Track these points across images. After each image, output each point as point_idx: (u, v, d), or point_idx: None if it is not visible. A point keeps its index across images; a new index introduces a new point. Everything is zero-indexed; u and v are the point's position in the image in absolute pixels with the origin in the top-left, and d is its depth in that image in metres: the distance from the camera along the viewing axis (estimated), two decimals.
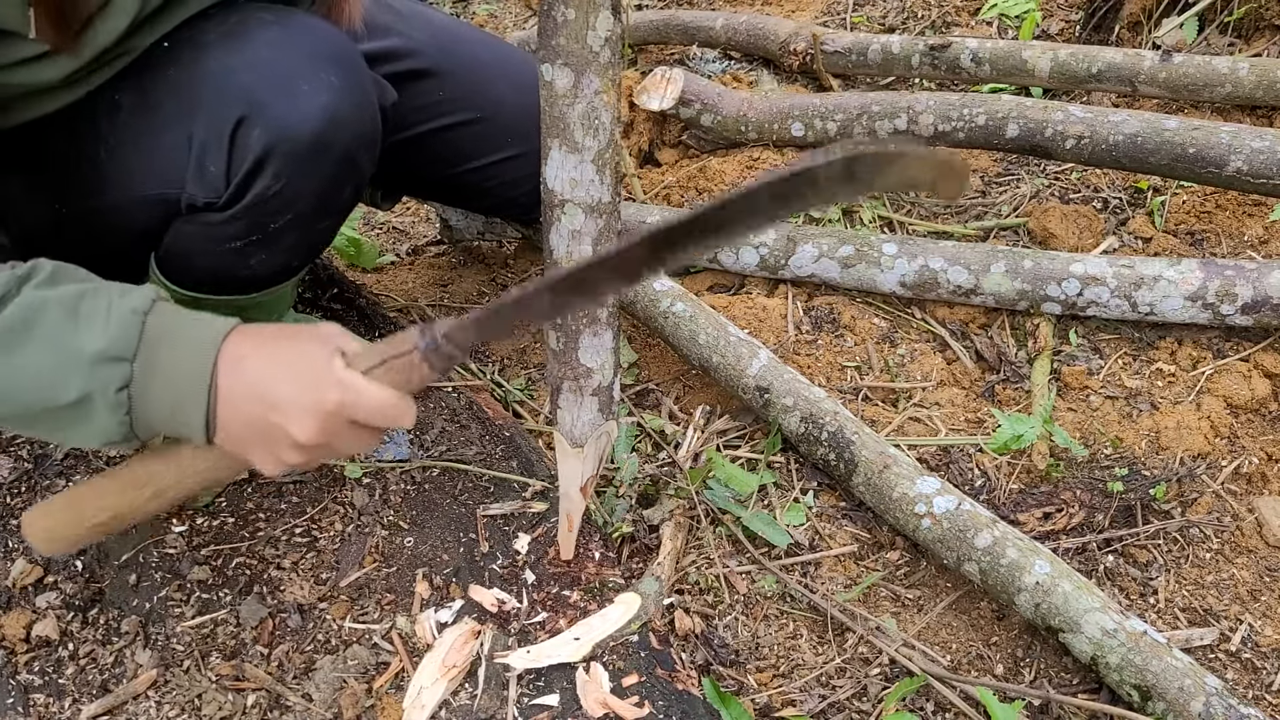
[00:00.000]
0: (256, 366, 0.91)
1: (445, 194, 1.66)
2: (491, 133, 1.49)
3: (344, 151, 1.08)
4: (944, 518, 1.26)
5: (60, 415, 0.89)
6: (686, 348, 1.56)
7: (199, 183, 1.07)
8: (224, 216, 1.09)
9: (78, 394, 0.88)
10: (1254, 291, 1.50)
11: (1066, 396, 1.57)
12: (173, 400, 0.90)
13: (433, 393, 1.51)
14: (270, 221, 1.11)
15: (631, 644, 1.13)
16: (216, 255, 1.15)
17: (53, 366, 0.87)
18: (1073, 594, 1.16)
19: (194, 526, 1.32)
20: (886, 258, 1.68)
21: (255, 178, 1.05)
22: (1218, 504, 1.39)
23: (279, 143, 1.03)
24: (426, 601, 1.21)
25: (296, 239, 1.17)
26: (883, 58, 2.28)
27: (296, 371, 0.90)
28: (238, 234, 1.12)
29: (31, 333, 0.87)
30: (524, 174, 1.52)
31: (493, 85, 1.50)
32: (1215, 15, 2.17)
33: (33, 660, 1.19)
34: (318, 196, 1.11)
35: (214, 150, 1.04)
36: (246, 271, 1.19)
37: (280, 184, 1.06)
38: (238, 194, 1.07)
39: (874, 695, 1.19)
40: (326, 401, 0.89)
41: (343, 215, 1.22)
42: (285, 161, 1.04)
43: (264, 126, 1.02)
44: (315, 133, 1.04)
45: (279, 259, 1.20)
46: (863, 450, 1.36)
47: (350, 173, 1.12)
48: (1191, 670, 1.08)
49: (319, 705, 1.11)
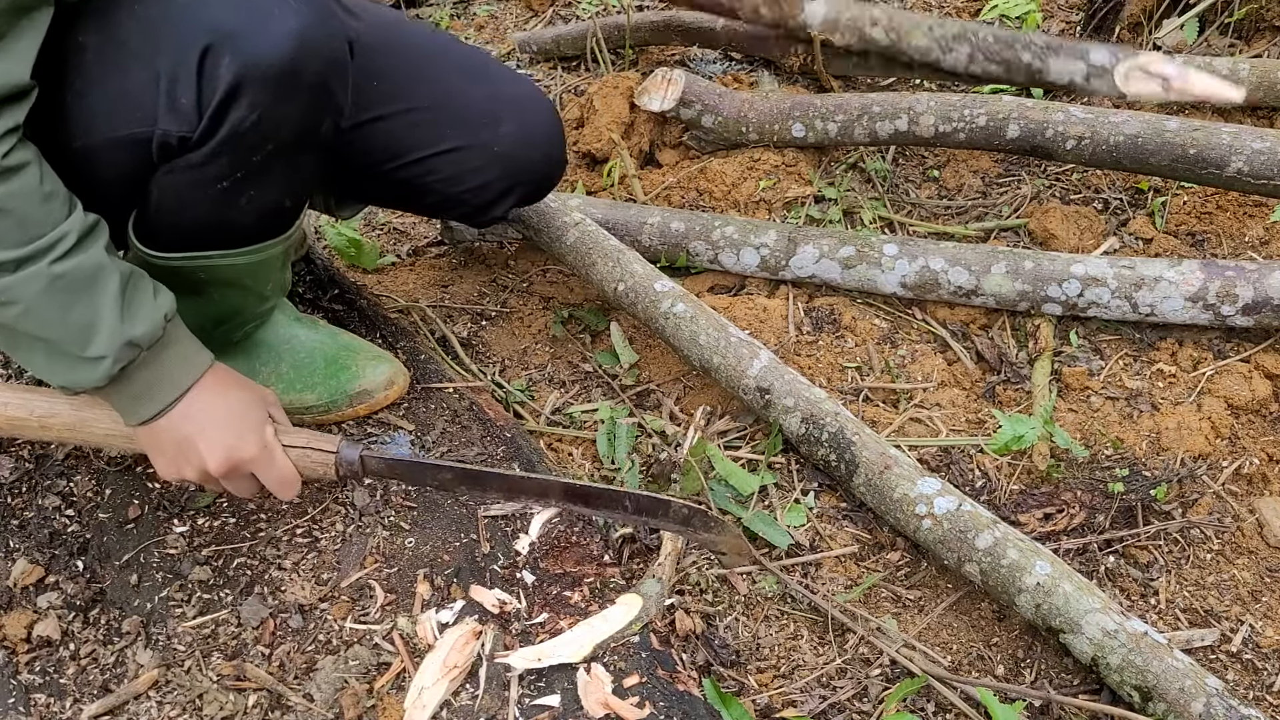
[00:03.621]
0: (212, 401, 1.13)
1: (390, 193, 1.54)
2: (431, 124, 1.41)
3: (316, 77, 1.07)
4: (945, 518, 1.26)
5: (65, 356, 1.04)
6: (687, 349, 1.56)
7: (171, 115, 1.05)
8: (205, 153, 1.07)
9: (97, 354, 1.03)
10: (1255, 292, 1.50)
11: (1067, 397, 1.57)
12: (145, 391, 1.10)
13: (434, 394, 1.51)
14: (252, 154, 1.09)
15: (632, 644, 1.13)
16: (206, 201, 1.13)
17: (92, 325, 1.03)
18: (1073, 595, 1.16)
19: (195, 527, 1.32)
20: (887, 259, 1.69)
21: (229, 108, 1.03)
22: (1218, 505, 1.39)
23: (250, 69, 1.01)
24: (428, 602, 1.21)
25: (282, 172, 1.15)
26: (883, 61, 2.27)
27: (235, 420, 1.14)
28: (222, 172, 1.10)
29: (92, 291, 1.02)
30: (466, 169, 1.42)
31: (434, 76, 1.43)
32: (1216, 16, 2.17)
33: (34, 660, 1.19)
34: (296, 125, 1.10)
35: (183, 81, 1.03)
36: (238, 215, 1.17)
37: (256, 113, 1.04)
38: (213, 125, 1.05)
39: (874, 696, 1.19)
40: (244, 451, 1.13)
41: (323, 151, 1.19)
42: (259, 89, 1.03)
43: (233, 54, 1.01)
44: (287, 58, 1.02)
45: (269, 196, 1.18)
46: (863, 451, 1.36)
47: (326, 101, 1.10)
48: (1192, 671, 1.08)
49: (320, 705, 1.11)
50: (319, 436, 1.20)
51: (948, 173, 2.10)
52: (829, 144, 2.03)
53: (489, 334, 1.81)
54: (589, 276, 1.71)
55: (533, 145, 1.45)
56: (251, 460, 1.15)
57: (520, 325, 1.83)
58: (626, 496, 1.17)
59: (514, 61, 2.79)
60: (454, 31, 2.99)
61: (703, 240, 1.80)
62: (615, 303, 1.68)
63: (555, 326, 1.79)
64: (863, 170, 2.10)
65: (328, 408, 1.43)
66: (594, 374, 1.71)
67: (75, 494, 1.38)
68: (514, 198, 1.48)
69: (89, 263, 1.03)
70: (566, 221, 1.75)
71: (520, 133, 1.43)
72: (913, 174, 2.12)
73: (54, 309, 1.01)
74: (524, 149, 1.44)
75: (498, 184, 1.44)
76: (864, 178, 2.09)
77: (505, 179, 1.44)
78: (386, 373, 1.45)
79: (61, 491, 1.38)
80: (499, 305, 1.87)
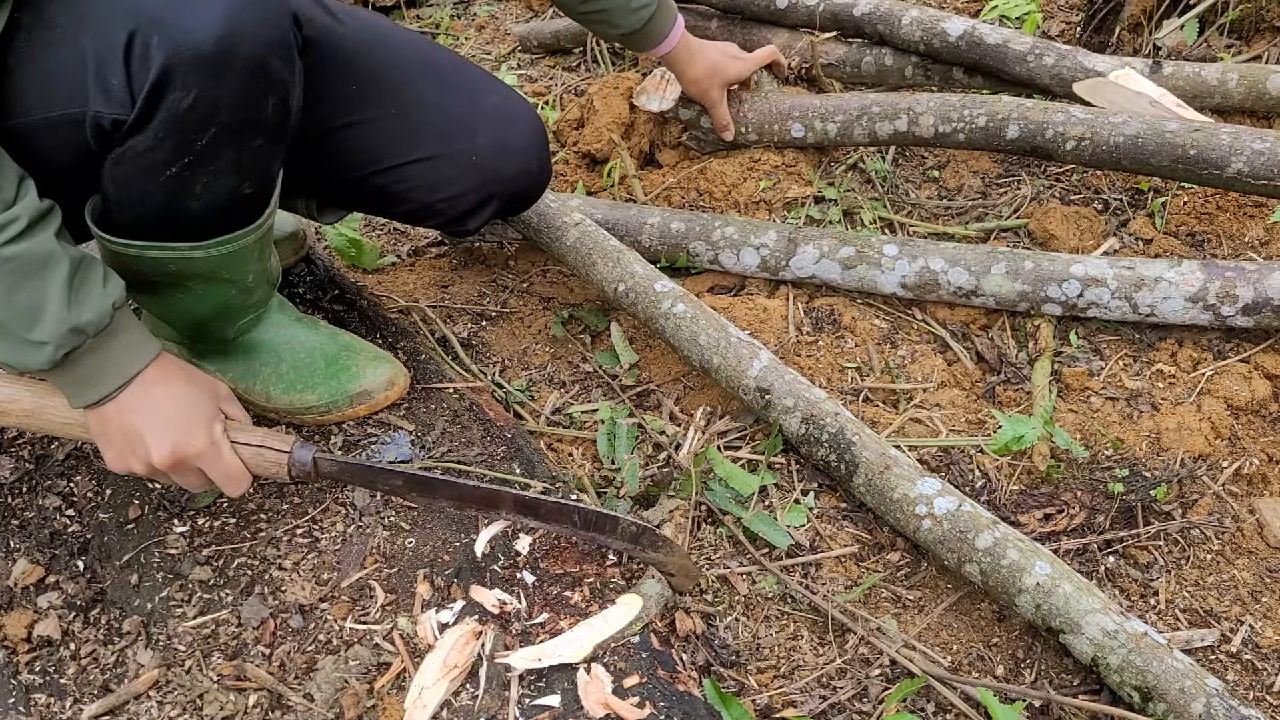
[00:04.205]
0: (158, 392, 1.13)
1: (366, 200, 1.52)
2: (405, 132, 1.40)
3: (251, 57, 1.04)
4: (945, 519, 1.26)
5: (9, 337, 1.04)
6: (687, 349, 1.56)
7: (102, 97, 1.04)
8: (147, 139, 1.06)
9: (41, 339, 1.04)
10: (1255, 293, 1.51)
11: (1067, 397, 1.57)
12: (90, 377, 1.10)
13: (434, 394, 1.51)
14: (195, 138, 1.07)
15: (633, 645, 1.13)
16: (159, 189, 1.12)
17: (37, 309, 1.03)
18: (1073, 595, 1.16)
19: (195, 527, 1.32)
20: (887, 259, 1.69)
21: (163, 91, 1.02)
22: (1218, 505, 1.39)
23: (179, 52, 1.00)
24: (428, 602, 1.21)
25: (232, 157, 1.13)
26: (876, 69, 2.28)
27: (182, 413, 1.14)
28: (168, 157, 1.08)
29: (40, 276, 1.02)
30: (440, 178, 1.41)
31: (414, 83, 1.42)
32: (1216, 17, 2.17)
33: (34, 660, 1.19)
34: (236, 107, 1.07)
35: (110, 64, 1.02)
36: (195, 203, 1.16)
37: (191, 95, 1.02)
38: (148, 109, 1.04)
39: (875, 696, 1.19)
40: (190, 446, 1.14)
41: (277, 134, 1.16)
42: (191, 72, 1.01)
43: (162, 35, 0.99)
44: (216, 37, 1.00)
45: (224, 182, 1.15)
46: (863, 451, 1.37)
47: (265, 81, 1.08)
48: (1192, 671, 1.09)
49: (320, 705, 1.11)
50: (274, 435, 1.20)
51: (948, 173, 2.10)
52: (829, 144, 2.03)
53: (489, 334, 1.81)
54: (589, 277, 1.71)
55: (509, 158, 1.45)
56: (197, 455, 1.15)
57: (520, 325, 1.83)
58: (575, 511, 1.17)
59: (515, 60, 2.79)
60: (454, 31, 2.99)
61: (703, 241, 1.80)
62: (615, 303, 1.68)
63: (556, 327, 1.79)
64: (863, 170, 2.10)
65: (328, 408, 1.43)
66: (594, 374, 1.71)
67: (76, 494, 1.38)
68: (491, 209, 1.47)
69: (39, 248, 1.02)
70: (566, 222, 1.75)
71: (496, 145, 1.43)
72: (913, 174, 2.12)
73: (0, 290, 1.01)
74: (499, 162, 1.43)
75: (473, 195, 1.43)
76: (864, 178, 2.09)
77: (481, 190, 1.44)
78: (387, 373, 1.45)
79: (62, 491, 1.38)
80: (499, 305, 1.87)
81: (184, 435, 1.13)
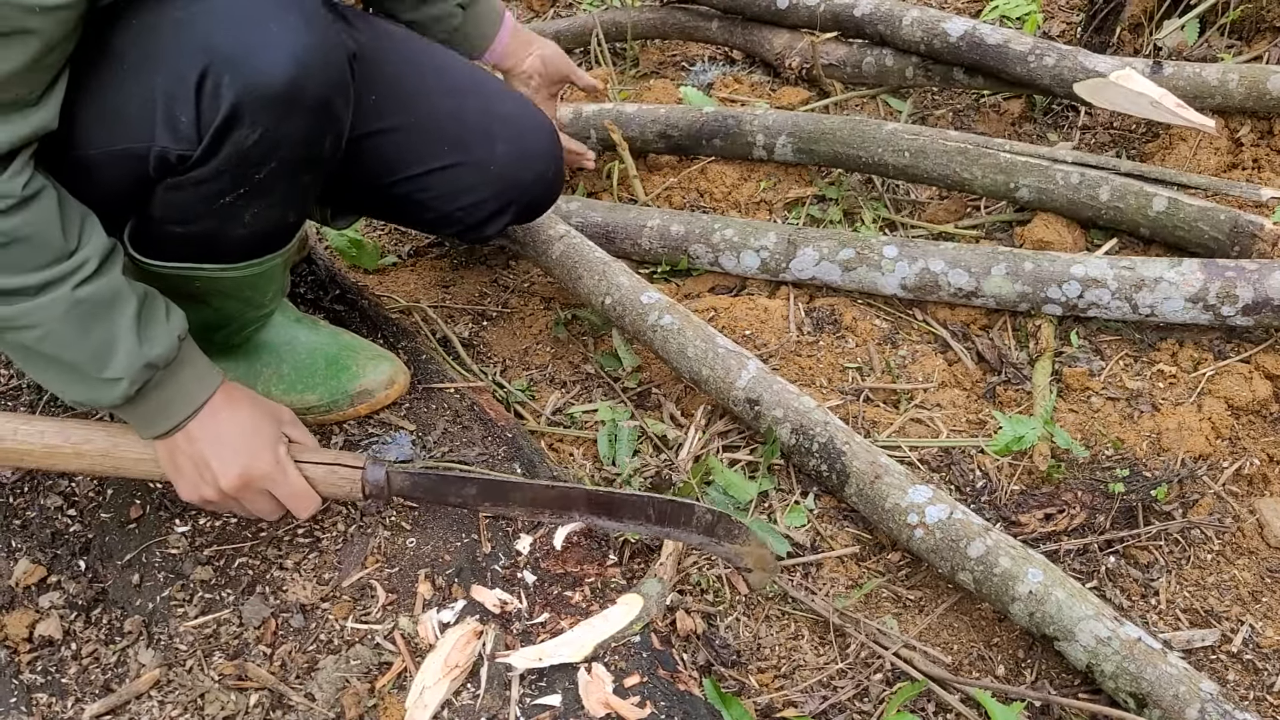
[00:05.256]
0: (224, 419, 1.16)
1: (385, 208, 1.53)
2: (424, 141, 1.40)
3: (317, 97, 1.06)
4: (936, 527, 1.26)
5: (83, 378, 1.06)
6: (676, 361, 1.55)
7: (170, 134, 1.05)
8: (208, 171, 1.07)
9: (114, 375, 1.05)
10: (1254, 293, 1.51)
11: (1068, 398, 1.57)
12: (160, 409, 1.12)
13: (435, 394, 1.51)
14: (255, 172, 1.09)
15: (633, 644, 1.13)
16: (209, 215, 1.14)
17: (110, 348, 1.05)
18: (1066, 602, 1.16)
19: (197, 527, 1.32)
20: (887, 261, 1.69)
21: (231, 129, 1.03)
22: (1219, 505, 1.39)
23: (250, 92, 1.01)
24: (429, 602, 1.21)
25: (285, 190, 1.15)
26: (877, 70, 2.28)
27: (247, 438, 1.16)
28: (225, 188, 1.10)
29: (110, 314, 1.05)
30: (461, 186, 1.41)
31: (431, 92, 1.42)
32: (1216, 17, 2.17)
33: (36, 660, 1.19)
34: (298, 144, 1.09)
35: (181, 101, 1.03)
36: (241, 230, 1.17)
37: (258, 133, 1.04)
38: (214, 145, 1.05)
39: (875, 696, 1.20)
40: (256, 469, 1.16)
41: (328, 168, 1.19)
42: (260, 111, 1.03)
43: (233, 76, 1.00)
44: (287, 80, 1.02)
45: (273, 212, 1.19)
46: (854, 461, 1.36)
47: (327, 119, 1.10)
48: (1186, 676, 1.08)
49: (321, 705, 1.11)
50: (346, 455, 1.22)
51: None
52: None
53: (490, 334, 1.81)
54: (576, 290, 1.70)
55: (527, 165, 1.45)
56: (264, 476, 1.17)
57: (521, 325, 1.83)
58: (650, 504, 1.16)
59: None
60: None
61: (703, 243, 1.80)
62: (604, 316, 1.68)
63: (558, 328, 1.79)
64: None
65: (329, 408, 1.43)
66: (595, 375, 1.71)
67: (77, 494, 1.38)
68: (508, 217, 1.47)
69: (108, 287, 1.05)
70: (551, 235, 1.73)
71: (515, 152, 1.43)
72: None
73: (73, 332, 1.03)
74: (518, 169, 1.43)
75: (491, 203, 1.44)
76: (864, 178, 2.09)
77: (499, 198, 1.44)
78: (387, 372, 1.45)
79: (63, 491, 1.38)
80: (500, 305, 1.87)
81: (250, 459, 1.15)
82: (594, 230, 1.85)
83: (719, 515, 1.16)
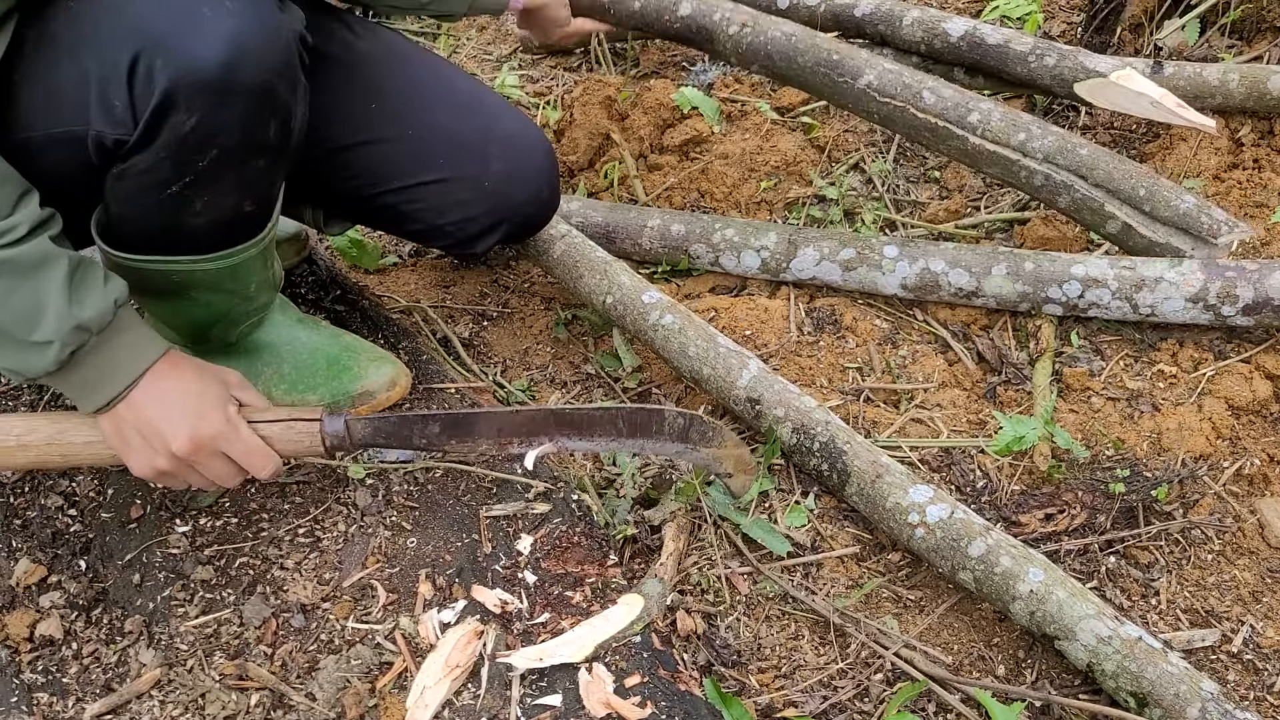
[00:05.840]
0: (168, 385, 1.13)
1: (374, 216, 1.52)
2: (419, 153, 1.41)
3: (255, 82, 1.04)
4: (937, 527, 1.26)
5: (11, 341, 1.04)
6: (677, 360, 1.55)
7: (105, 117, 1.04)
8: (149, 159, 1.06)
9: (43, 338, 1.03)
10: (1255, 293, 1.51)
11: (1068, 398, 1.57)
12: (96, 375, 1.10)
13: (436, 394, 1.51)
14: (196, 159, 1.07)
15: (634, 644, 1.13)
16: (158, 206, 1.12)
17: (37, 309, 1.02)
18: (1067, 601, 1.16)
19: (197, 526, 1.32)
20: (888, 261, 1.69)
21: (166, 115, 1.02)
22: (1219, 505, 1.39)
23: (183, 77, 0.99)
24: (429, 601, 1.21)
25: (234, 178, 1.13)
26: None
27: (193, 399, 1.14)
28: (168, 177, 1.08)
29: (37, 276, 1.02)
30: (451, 200, 1.42)
31: (428, 105, 1.43)
32: (1217, 17, 2.17)
33: (36, 659, 1.19)
34: (238, 131, 1.07)
35: (114, 85, 1.01)
36: (196, 220, 1.16)
37: (194, 118, 1.02)
38: (149, 131, 1.03)
39: (876, 696, 1.20)
40: (205, 429, 1.13)
41: (279, 155, 1.16)
42: (194, 96, 1.01)
43: (165, 59, 0.99)
44: (220, 63, 1.00)
45: (225, 200, 1.16)
46: (855, 460, 1.36)
47: (269, 105, 1.08)
48: (1187, 676, 1.08)
49: (322, 705, 1.11)
50: (301, 410, 1.21)
51: (949, 173, 2.10)
52: None
53: (490, 334, 1.81)
54: (577, 289, 1.70)
55: (521, 185, 1.45)
56: (215, 435, 1.14)
57: (522, 326, 1.83)
58: (618, 416, 1.13)
59: (516, 60, 2.79)
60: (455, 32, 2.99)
61: (703, 243, 1.80)
62: (605, 315, 1.68)
63: (558, 329, 1.79)
64: (864, 170, 2.10)
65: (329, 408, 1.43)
66: (595, 375, 1.71)
67: (78, 494, 1.38)
68: (498, 234, 1.47)
69: (37, 250, 1.02)
70: (552, 235, 1.73)
71: (510, 171, 1.43)
72: (914, 174, 2.12)
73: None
74: (512, 187, 1.44)
75: (483, 219, 1.44)
76: (865, 178, 2.09)
77: (491, 215, 1.44)
78: (389, 373, 1.45)
79: (64, 491, 1.38)
80: (500, 305, 1.87)
81: (198, 419, 1.13)
82: (594, 230, 1.85)
83: (691, 418, 1.12)
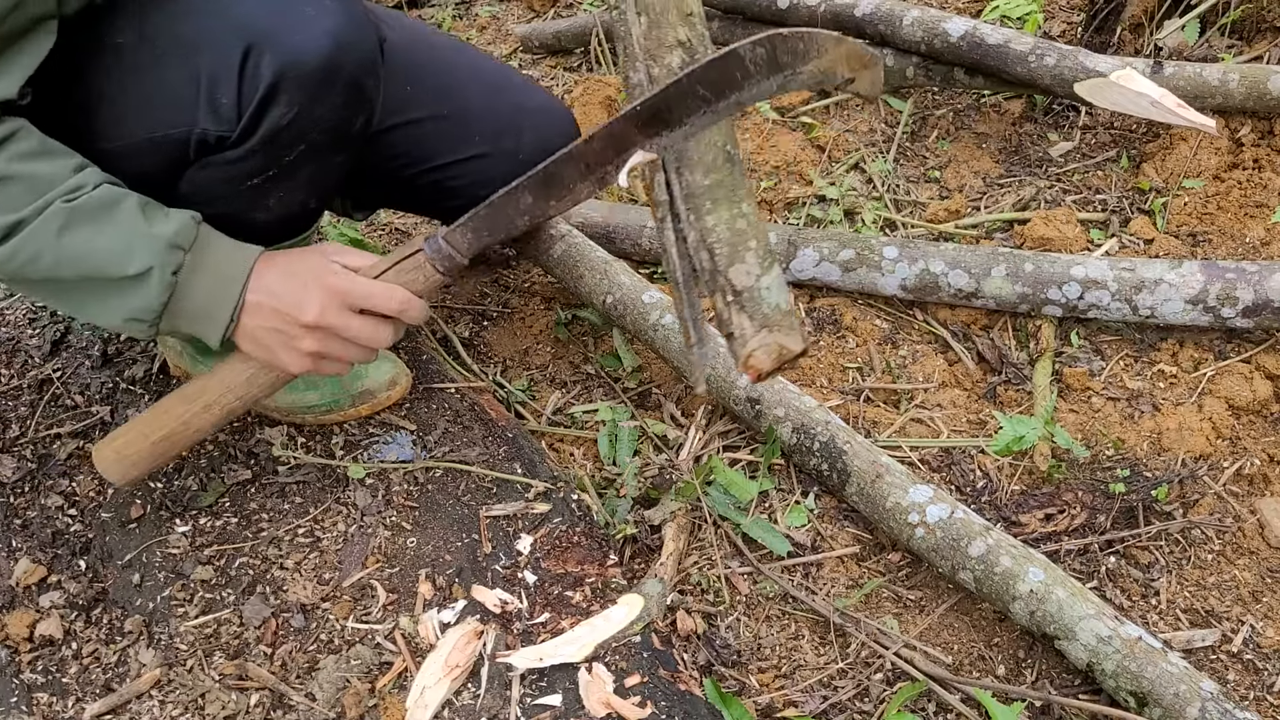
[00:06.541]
0: (274, 277, 1.10)
1: (413, 196, 1.58)
2: (458, 131, 1.45)
3: (351, 76, 1.07)
4: (937, 526, 1.26)
5: (111, 286, 1.03)
6: (678, 360, 1.55)
7: (212, 116, 1.06)
8: (241, 152, 1.09)
9: (141, 267, 1.02)
10: (1255, 295, 1.51)
11: (1068, 398, 1.57)
12: (207, 295, 1.07)
13: (436, 394, 1.51)
14: (285, 153, 1.10)
15: (634, 644, 1.13)
16: (236, 197, 1.14)
17: (126, 243, 1.01)
18: (1067, 601, 1.16)
19: (197, 527, 1.32)
20: (887, 262, 1.69)
21: (268, 107, 1.05)
22: (1219, 505, 1.39)
23: (289, 68, 1.02)
24: (429, 601, 1.21)
25: (312, 173, 1.16)
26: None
27: (302, 274, 1.10)
28: (255, 169, 1.11)
29: (113, 213, 1.01)
30: (494, 175, 1.41)
31: (461, 85, 1.47)
32: (1217, 17, 2.17)
33: (36, 659, 1.19)
34: (330, 125, 1.11)
35: (225, 81, 1.04)
36: (264, 214, 1.18)
37: (294, 111, 1.05)
38: (251, 125, 1.06)
39: (876, 696, 1.20)
40: (329, 286, 1.09)
41: (353, 151, 1.20)
42: (297, 88, 1.04)
43: (273, 53, 1.02)
44: (324, 57, 1.03)
45: (296, 195, 1.19)
46: (855, 460, 1.36)
47: (359, 100, 1.11)
48: (1187, 675, 1.08)
49: (322, 704, 1.11)
50: (401, 249, 1.15)
51: (949, 173, 2.10)
52: None
53: (490, 334, 1.81)
54: (577, 289, 1.70)
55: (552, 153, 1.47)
56: (343, 291, 1.10)
57: (522, 325, 1.83)
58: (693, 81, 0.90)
59: (517, 60, 2.79)
60: (455, 32, 2.99)
61: None
62: (605, 315, 1.68)
63: (558, 328, 1.79)
64: (864, 170, 2.10)
65: (330, 407, 1.43)
66: (595, 375, 1.71)
67: (78, 493, 1.38)
68: None
69: (104, 194, 1.02)
70: (553, 234, 1.74)
71: (541, 142, 1.46)
72: (914, 174, 2.12)
73: (80, 242, 1.00)
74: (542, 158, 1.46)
75: None
76: (865, 178, 2.09)
77: None
78: (389, 373, 1.46)
79: (64, 491, 1.38)
80: (500, 305, 1.87)
81: (316, 285, 1.09)
82: (594, 230, 1.85)
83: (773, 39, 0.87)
